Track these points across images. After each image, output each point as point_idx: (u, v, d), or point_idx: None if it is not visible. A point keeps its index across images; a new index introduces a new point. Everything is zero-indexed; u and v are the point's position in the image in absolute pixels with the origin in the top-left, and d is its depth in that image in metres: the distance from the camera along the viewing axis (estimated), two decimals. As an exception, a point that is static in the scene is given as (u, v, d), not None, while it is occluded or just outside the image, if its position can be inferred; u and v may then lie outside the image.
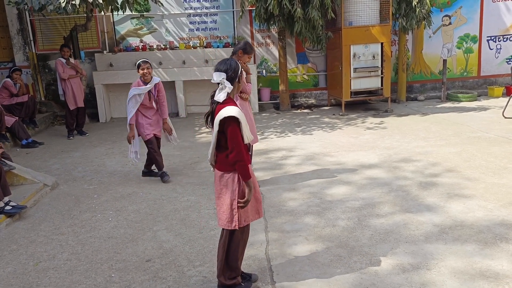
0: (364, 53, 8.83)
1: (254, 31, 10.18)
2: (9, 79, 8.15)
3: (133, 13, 9.69)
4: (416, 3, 8.77)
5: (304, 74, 10.43)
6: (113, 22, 10.00)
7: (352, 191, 4.75)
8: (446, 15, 10.30)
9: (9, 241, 4.03)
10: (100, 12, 8.78)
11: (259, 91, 9.99)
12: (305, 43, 9.72)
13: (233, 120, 2.71)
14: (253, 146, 5.09)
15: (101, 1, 7.34)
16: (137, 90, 5.12)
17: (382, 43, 8.83)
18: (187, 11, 10.05)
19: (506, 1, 10.29)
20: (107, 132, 8.49)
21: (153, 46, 10.03)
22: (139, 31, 10.10)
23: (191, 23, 10.14)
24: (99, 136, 8.20)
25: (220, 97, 2.77)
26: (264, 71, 10.04)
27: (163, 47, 10.00)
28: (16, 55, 9.85)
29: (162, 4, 9.35)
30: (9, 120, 7.32)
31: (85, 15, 8.71)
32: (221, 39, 10.15)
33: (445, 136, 6.83)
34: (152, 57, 9.81)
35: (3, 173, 4.55)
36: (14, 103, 8.13)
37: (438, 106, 9.46)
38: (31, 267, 3.53)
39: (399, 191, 4.66)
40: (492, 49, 10.54)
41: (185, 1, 10.02)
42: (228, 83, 2.76)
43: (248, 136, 2.80)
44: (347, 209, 4.27)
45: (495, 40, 10.49)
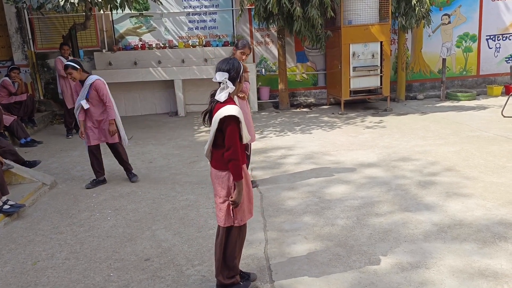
0: (363, 52, 8.83)
1: (253, 30, 10.17)
2: (7, 78, 8.13)
3: (132, 12, 9.68)
4: (415, 2, 8.77)
5: (303, 73, 10.43)
6: (112, 20, 9.99)
7: (351, 190, 4.74)
8: (445, 14, 10.29)
9: (8, 240, 4.02)
10: (99, 10, 8.78)
11: (258, 90, 9.99)
12: (304, 42, 9.71)
13: (233, 119, 2.70)
14: (251, 145, 5.07)
15: (100, 0, 7.32)
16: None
17: (381, 42, 8.82)
18: (186, 10, 10.04)
19: (505, 0, 10.29)
20: (106, 131, 8.46)
21: (152, 45, 10.02)
22: (138, 30, 10.08)
23: (190, 21, 10.12)
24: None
25: (221, 97, 2.75)
26: (263, 70, 10.02)
27: (162, 46, 10.00)
28: (14, 53, 9.84)
29: (161, 2, 9.35)
30: (8, 119, 7.30)
31: (84, 13, 8.69)
32: (220, 38, 10.15)
33: (444, 135, 6.83)
34: (151, 56, 9.81)
35: (1, 173, 4.54)
36: (12, 102, 8.10)
37: (437, 105, 9.46)
38: (30, 266, 3.52)
39: (398, 190, 4.66)
40: (491, 48, 10.54)
41: (184, -1, 10.03)
42: (230, 83, 2.74)
43: (246, 136, 2.80)
44: (346, 208, 4.27)
45: (494, 39, 10.49)
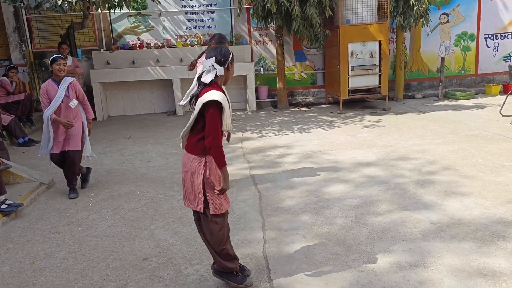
0: (361, 51, 8.82)
1: (251, 29, 10.16)
2: (5, 77, 8.11)
3: (130, 11, 9.65)
4: (414, 1, 8.76)
5: (302, 72, 10.42)
6: (110, 20, 9.96)
7: (349, 189, 4.74)
8: (443, 13, 10.29)
9: (5, 239, 4.01)
10: (97, 10, 8.76)
11: (257, 89, 9.97)
12: (302, 41, 9.71)
13: (216, 104, 2.66)
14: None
15: (98, -1, 7.32)
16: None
17: (379, 41, 8.82)
18: (184, 9, 10.02)
19: (503, -1, 10.31)
20: (104, 130, 8.45)
21: (150, 44, 9.99)
22: (136, 29, 10.06)
23: (188, 21, 10.11)
24: (95, 134, 8.12)
25: (207, 78, 2.72)
26: (261, 69, 10.03)
27: (161, 45, 9.97)
28: (12, 53, 9.82)
29: (159, 2, 9.32)
30: (6, 118, 7.28)
31: (82, 13, 8.68)
32: (218, 37, 10.12)
33: (442, 134, 6.83)
34: (149, 55, 9.79)
35: (-1, 172, 4.53)
36: (10, 101, 8.08)
37: (435, 104, 9.46)
38: (28, 266, 3.51)
39: (397, 189, 4.66)
40: (489, 47, 10.55)
41: (183, -1, 10.01)
42: (217, 65, 2.73)
43: (228, 124, 2.75)
44: (344, 207, 4.27)
45: (492, 38, 10.50)
